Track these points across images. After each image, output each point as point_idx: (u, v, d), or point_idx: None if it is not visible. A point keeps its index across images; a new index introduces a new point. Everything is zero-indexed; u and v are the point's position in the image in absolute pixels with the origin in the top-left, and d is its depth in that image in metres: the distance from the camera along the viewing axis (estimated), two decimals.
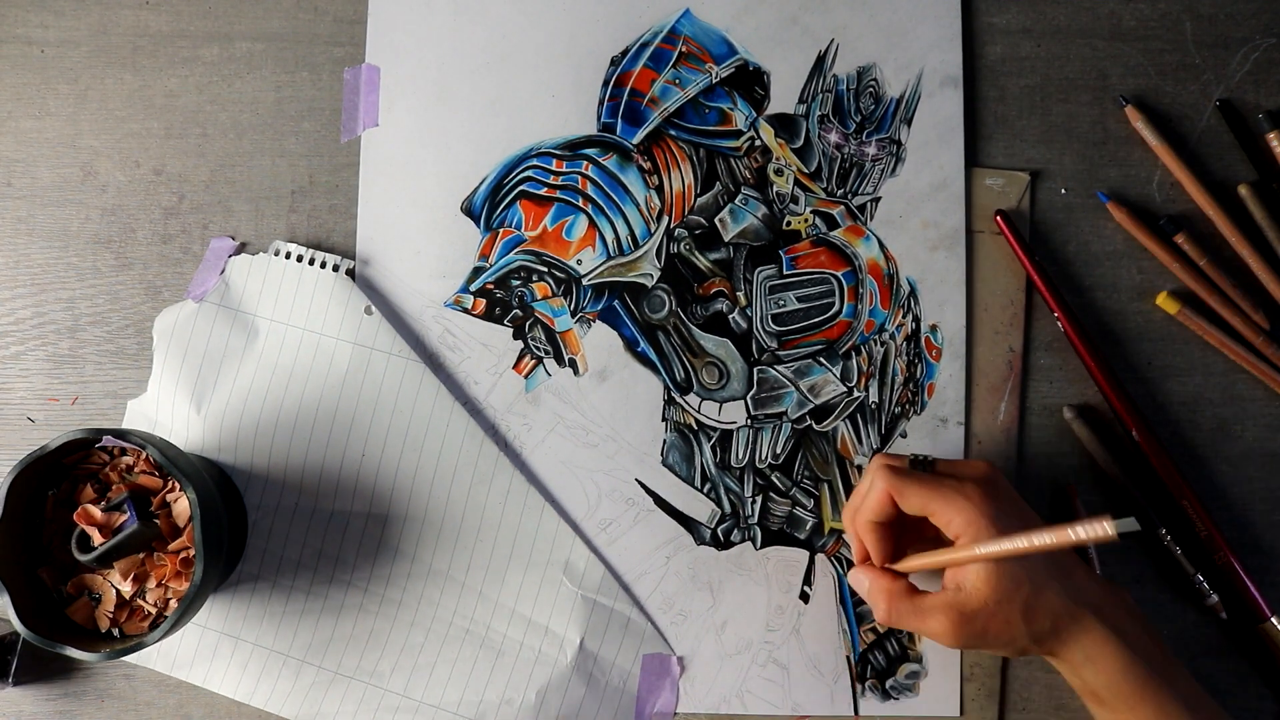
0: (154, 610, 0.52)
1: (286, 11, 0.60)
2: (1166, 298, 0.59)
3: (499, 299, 0.59)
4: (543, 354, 0.59)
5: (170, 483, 0.52)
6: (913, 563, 0.51)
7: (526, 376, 0.59)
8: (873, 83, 0.61)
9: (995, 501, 0.48)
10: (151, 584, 0.51)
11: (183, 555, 0.52)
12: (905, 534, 0.53)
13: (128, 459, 0.52)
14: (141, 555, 0.51)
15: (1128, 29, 0.62)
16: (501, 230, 0.59)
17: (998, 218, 0.59)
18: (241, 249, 0.59)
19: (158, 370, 0.58)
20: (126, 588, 0.51)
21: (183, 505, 0.51)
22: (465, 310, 0.59)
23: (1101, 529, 0.39)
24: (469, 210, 0.59)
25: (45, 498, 0.52)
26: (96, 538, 0.50)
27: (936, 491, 0.49)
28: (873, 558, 0.53)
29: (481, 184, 0.60)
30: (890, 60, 0.61)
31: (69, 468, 0.52)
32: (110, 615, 0.51)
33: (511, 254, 0.59)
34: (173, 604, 0.51)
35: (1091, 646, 0.48)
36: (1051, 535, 0.42)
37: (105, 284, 0.59)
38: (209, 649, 0.57)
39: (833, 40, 0.61)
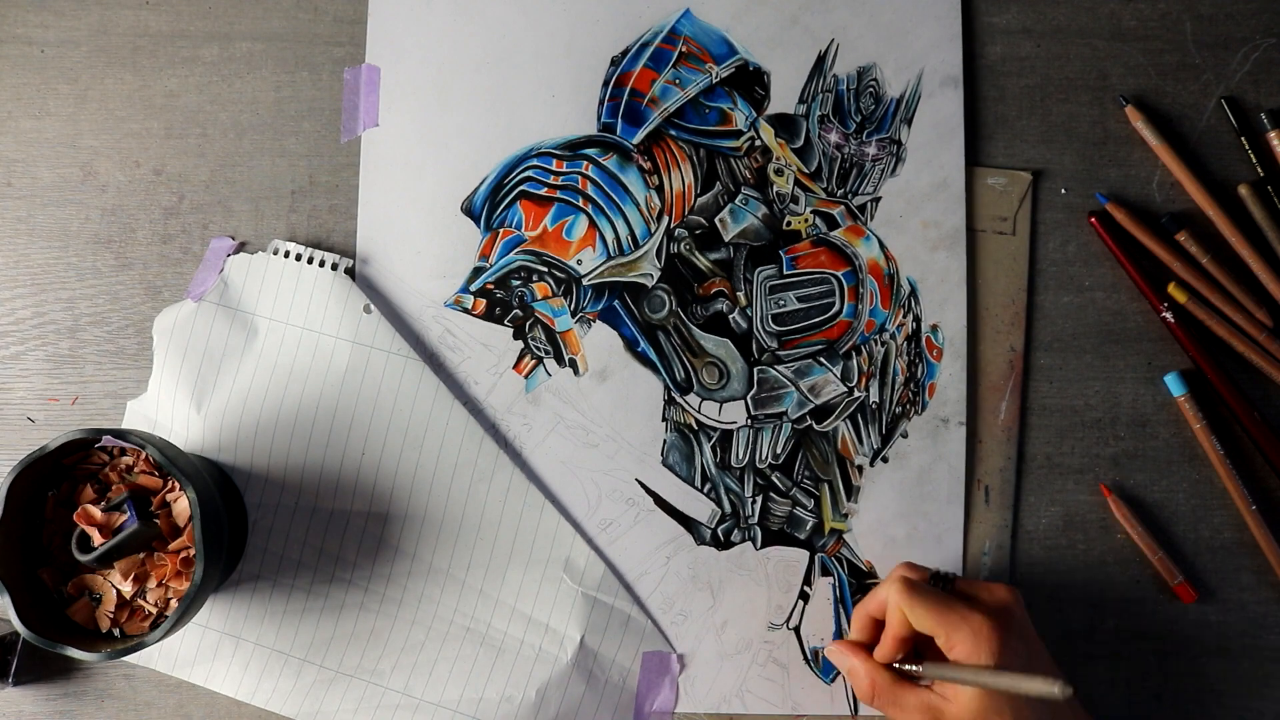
0: (154, 610, 0.52)
1: (286, 11, 0.60)
2: (1176, 287, 0.59)
3: (499, 299, 0.59)
4: (543, 354, 0.59)
5: (170, 483, 0.52)
6: (911, 667, 0.51)
7: (526, 376, 0.59)
8: (873, 83, 0.61)
9: (1002, 634, 0.48)
10: (152, 584, 0.51)
11: (183, 555, 0.52)
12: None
13: (128, 459, 0.52)
14: (142, 555, 0.51)
15: (1128, 29, 0.62)
16: (501, 230, 0.59)
17: (1092, 219, 0.59)
18: (241, 249, 0.59)
19: (158, 370, 0.58)
20: (127, 588, 0.51)
21: (183, 505, 0.51)
22: (465, 310, 0.59)
23: (1049, 689, 0.41)
24: (469, 210, 0.59)
25: (45, 498, 0.52)
26: (96, 538, 0.50)
27: (946, 616, 0.48)
28: (876, 653, 0.52)
29: (481, 184, 0.60)
30: (890, 60, 0.61)
31: (69, 468, 0.52)
32: (111, 615, 0.51)
33: (511, 254, 0.59)
34: (173, 604, 0.51)
35: None
36: (1022, 681, 0.43)
37: (105, 284, 0.59)
38: (210, 649, 0.57)
39: (833, 40, 0.61)
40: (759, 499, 0.59)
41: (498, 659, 0.57)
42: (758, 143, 0.60)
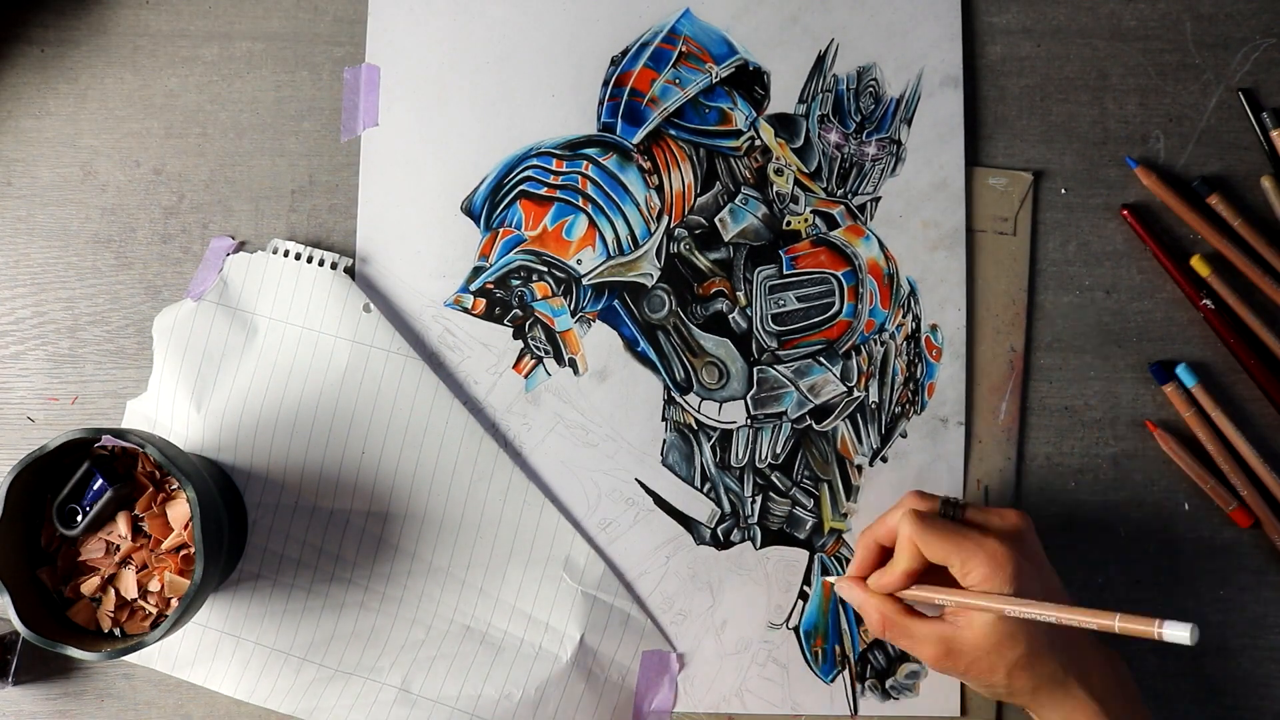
0: (155, 610, 0.52)
1: (286, 11, 0.60)
2: (1200, 260, 0.59)
3: (499, 299, 0.59)
4: (543, 354, 0.59)
5: (169, 482, 0.52)
6: (919, 593, 0.50)
7: (526, 376, 0.59)
8: (873, 82, 0.61)
9: (1017, 559, 0.48)
10: (153, 584, 0.51)
11: (183, 554, 0.52)
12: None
13: (123, 463, 0.52)
14: (133, 512, 0.52)
15: (1128, 29, 0.62)
16: (501, 230, 0.59)
17: (1125, 211, 0.59)
18: (241, 248, 0.59)
19: (157, 369, 0.58)
20: (129, 588, 0.51)
21: (183, 505, 0.51)
22: (465, 310, 0.59)
23: (1148, 628, 0.39)
24: (469, 210, 0.59)
25: (45, 498, 0.52)
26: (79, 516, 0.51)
27: (959, 545, 0.48)
28: (882, 584, 0.51)
29: (481, 184, 0.60)
30: (890, 60, 0.61)
31: (69, 468, 0.52)
32: (111, 615, 0.51)
33: (511, 254, 0.59)
34: (173, 603, 0.51)
35: (1072, 712, 0.48)
36: (1063, 613, 0.43)
37: (105, 284, 0.59)
38: (210, 648, 0.57)
39: (833, 40, 0.61)
40: (759, 499, 0.59)
41: (497, 657, 0.57)
42: (757, 142, 0.60)
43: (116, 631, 0.52)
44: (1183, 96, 0.61)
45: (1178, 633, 0.38)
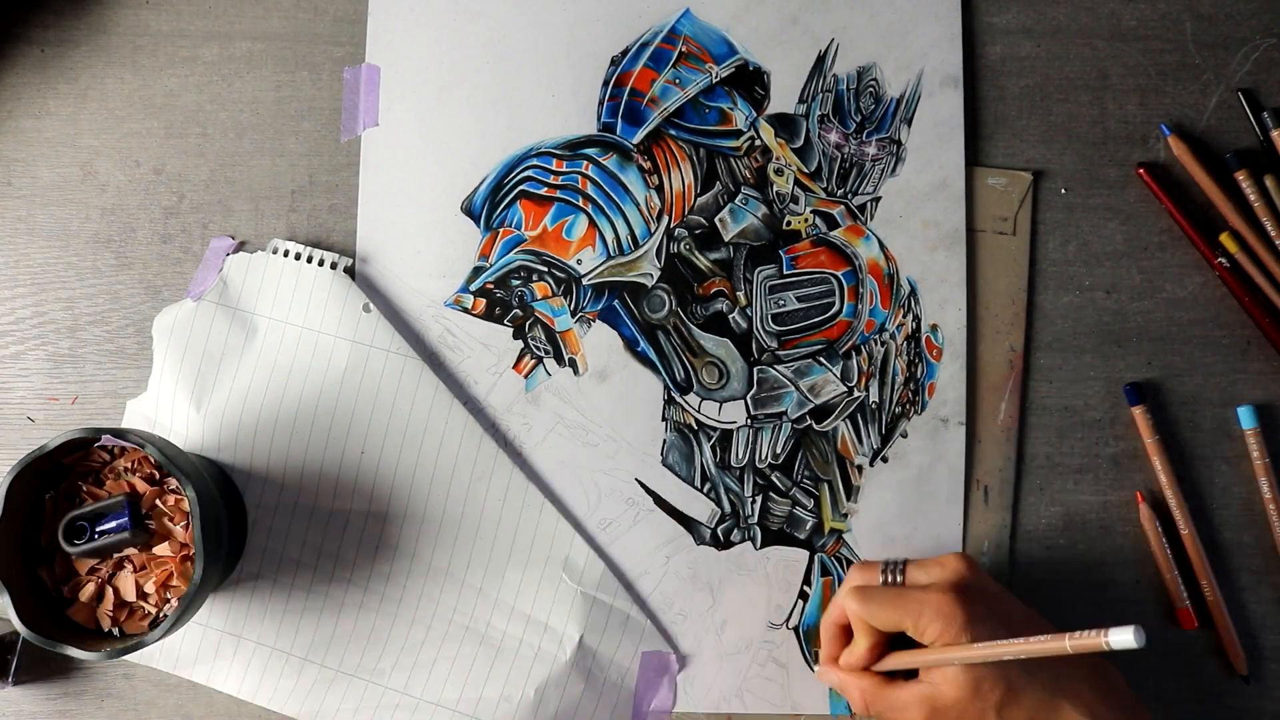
0: (154, 610, 0.52)
1: (286, 11, 0.60)
2: (1228, 237, 0.59)
3: (499, 299, 0.59)
4: (543, 354, 0.59)
5: (169, 482, 0.52)
6: (890, 663, 0.51)
7: (526, 376, 0.59)
8: (873, 82, 0.61)
9: (967, 605, 0.48)
10: (151, 584, 0.51)
11: (183, 554, 0.52)
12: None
13: (125, 461, 0.52)
14: (127, 551, 0.51)
15: (1128, 29, 0.62)
16: (501, 230, 0.59)
17: (1140, 170, 0.59)
18: (241, 248, 0.59)
19: (157, 369, 0.58)
20: (128, 590, 0.51)
21: (182, 505, 0.51)
22: (465, 310, 0.59)
23: (1095, 640, 0.39)
24: (469, 210, 0.59)
25: (45, 498, 0.52)
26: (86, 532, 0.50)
27: (905, 608, 0.49)
28: (852, 663, 0.52)
29: (481, 184, 0.60)
30: (890, 60, 0.61)
31: (69, 467, 0.52)
32: (111, 615, 0.51)
33: (511, 254, 0.59)
34: (173, 603, 0.51)
35: None
36: (1020, 647, 0.43)
37: (105, 284, 0.59)
38: (211, 648, 0.57)
39: (833, 40, 0.61)
40: (759, 499, 0.59)
41: (497, 658, 0.57)
42: (758, 142, 0.60)
43: (116, 631, 0.52)
44: (1183, 96, 0.61)
45: (1123, 638, 0.38)
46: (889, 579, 0.51)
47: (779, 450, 0.59)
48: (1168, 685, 0.58)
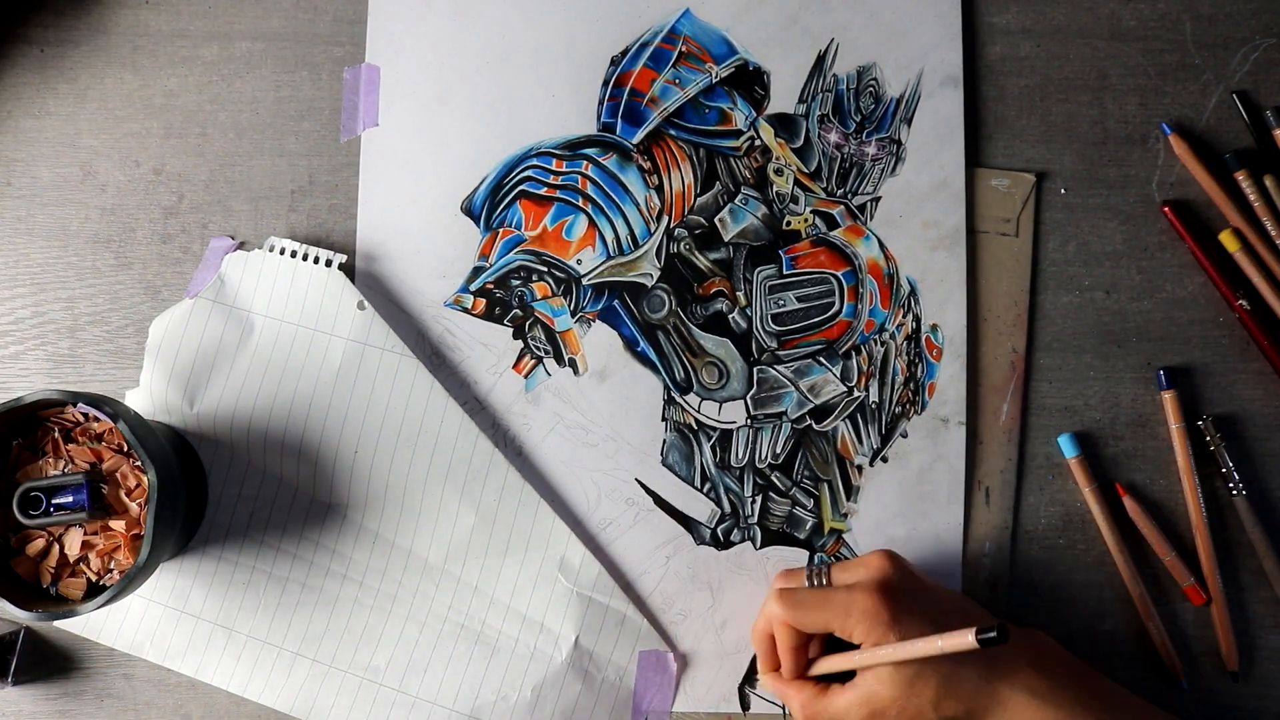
0: (95, 576, 0.52)
1: (286, 11, 0.60)
2: (1229, 235, 0.59)
3: (499, 299, 0.59)
4: (543, 354, 0.59)
5: (133, 458, 0.52)
6: (822, 667, 0.51)
7: (526, 376, 0.59)
8: (873, 82, 0.61)
9: (891, 603, 0.48)
10: (95, 554, 0.51)
11: (134, 533, 0.51)
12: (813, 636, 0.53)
13: (99, 426, 0.52)
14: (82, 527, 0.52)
15: (1128, 29, 0.62)
16: (501, 230, 0.59)
17: (1166, 209, 0.59)
18: (241, 248, 0.59)
19: (149, 365, 0.58)
20: (73, 547, 0.51)
21: (143, 484, 0.51)
22: (465, 310, 0.59)
23: (964, 640, 0.43)
24: (469, 210, 0.59)
25: (13, 444, 0.52)
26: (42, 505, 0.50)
27: (829, 609, 0.49)
28: (784, 670, 0.53)
29: (481, 184, 0.60)
30: (890, 60, 0.61)
31: (42, 420, 0.52)
32: (53, 571, 0.51)
33: (511, 254, 0.59)
34: (114, 575, 0.51)
35: (1014, 712, 0.48)
36: (924, 645, 0.45)
37: (105, 284, 0.59)
38: (202, 640, 0.57)
39: (833, 40, 0.61)
40: (758, 499, 0.59)
41: (493, 657, 0.57)
42: (757, 142, 0.60)
43: (53, 590, 0.51)
44: (1183, 96, 0.61)
45: (987, 635, 0.42)
46: (814, 582, 0.52)
47: (779, 450, 0.59)
48: (1160, 683, 0.58)
